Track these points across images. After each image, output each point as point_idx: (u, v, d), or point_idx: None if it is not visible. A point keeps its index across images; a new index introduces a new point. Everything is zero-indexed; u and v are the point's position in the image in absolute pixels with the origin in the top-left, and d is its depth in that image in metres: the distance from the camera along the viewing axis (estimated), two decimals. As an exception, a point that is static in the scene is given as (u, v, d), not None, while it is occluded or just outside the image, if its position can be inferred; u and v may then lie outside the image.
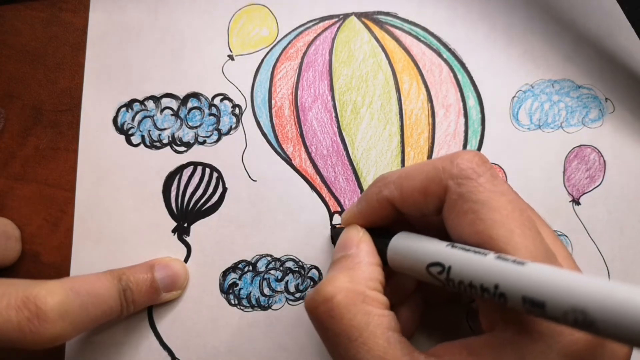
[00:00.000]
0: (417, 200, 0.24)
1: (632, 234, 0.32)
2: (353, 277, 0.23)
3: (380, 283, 0.24)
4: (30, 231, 0.33)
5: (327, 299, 0.23)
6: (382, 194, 0.25)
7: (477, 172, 0.22)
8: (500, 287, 0.19)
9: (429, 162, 0.24)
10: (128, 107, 0.34)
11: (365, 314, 0.22)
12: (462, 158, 0.22)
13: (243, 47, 0.34)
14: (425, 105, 0.33)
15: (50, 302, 0.24)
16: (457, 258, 0.21)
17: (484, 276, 0.20)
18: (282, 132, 0.33)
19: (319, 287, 0.23)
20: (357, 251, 0.25)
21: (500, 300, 0.19)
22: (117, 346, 0.32)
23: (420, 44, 0.34)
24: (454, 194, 0.22)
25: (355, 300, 0.22)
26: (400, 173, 0.25)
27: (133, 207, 0.33)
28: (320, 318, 0.23)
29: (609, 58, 0.33)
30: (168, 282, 0.31)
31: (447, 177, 0.22)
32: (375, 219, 0.26)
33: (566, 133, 0.33)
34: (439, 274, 0.22)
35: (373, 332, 0.22)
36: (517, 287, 0.18)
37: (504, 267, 0.19)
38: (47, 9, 0.35)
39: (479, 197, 0.21)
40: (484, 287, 0.20)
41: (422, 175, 0.23)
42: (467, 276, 0.20)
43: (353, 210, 0.27)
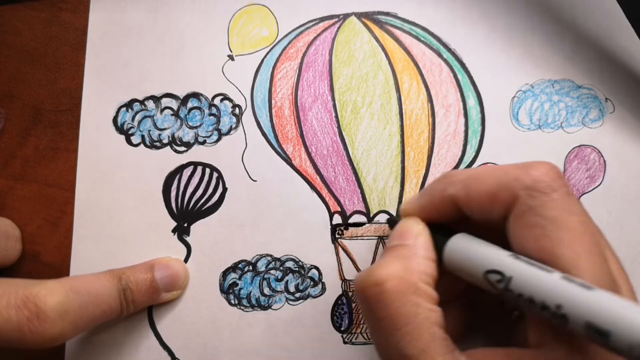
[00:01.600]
0: (483, 204, 0.23)
1: (632, 234, 0.32)
2: (407, 267, 0.23)
3: (433, 279, 0.24)
4: (30, 231, 0.33)
5: (378, 282, 0.22)
6: (448, 192, 0.24)
7: (551, 186, 0.21)
8: (564, 308, 0.19)
9: (502, 168, 0.23)
10: (128, 107, 0.34)
11: (414, 305, 0.22)
12: (537, 170, 0.22)
13: (243, 47, 0.34)
14: (425, 105, 0.33)
15: (50, 302, 0.24)
16: (519, 270, 0.20)
17: (547, 294, 0.19)
18: (282, 132, 0.33)
19: (371, 269, 0.23)
20: (414, 243, 0.24)
21: (561, 321, 0.19)
22: (117, 346, 0.32)
23: (420, 44, 0.34)
24: (524, 205, 0.21)
25: (406, 290, 0.22)
26: (469, 173, 0.24)
27: (133, 207, 0.33)
28: (368, 300, 0.23)
29: (609, 58, 0.33)
30: (168, 282, 0.31)
31: (519, 186, 0.22)
32: (435, 215, 0.26)
33: (566, 133, 0.33)
34: (497, 282, 0.21)
35: (420, 324, 0.21)
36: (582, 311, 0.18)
37: (570, 289, 0.19)
38: (47, 9, 0.35)
39: (549, 213, 0.21)
40: (545, 305, 0.19)
41: (492, 180, 0.23)
42: (528, 291, 0.20)
43: (414, 203, 0.26)
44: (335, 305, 0.32)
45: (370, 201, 0.33)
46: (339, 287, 0.32)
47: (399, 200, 0.33)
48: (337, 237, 0.32)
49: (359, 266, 0.32)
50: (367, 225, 0.32)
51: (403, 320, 0.22)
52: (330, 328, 0.31)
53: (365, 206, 0.33)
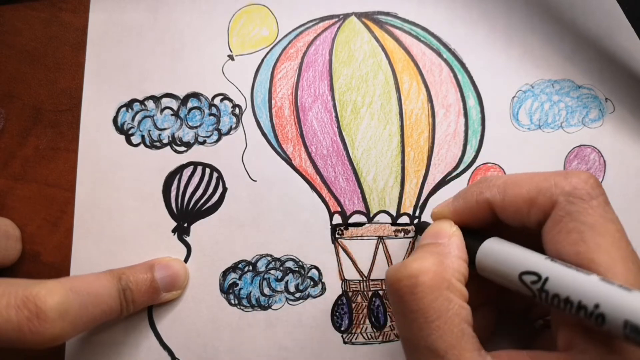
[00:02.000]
0: (520, 208, 0.24)
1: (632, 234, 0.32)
2: (442, 263, 0.23)
3: (465, 278, 0.24)
4: (30, 231, 0.33)
5: (412, 275, 0.23)
6: (484, 196, 0.25)
7: (590, 194, 0.22)
8: (602, 307, 0.19)
9: (541, 174, 0.24)
10: (128, 107, 0.34)
11: (446, 300, 0.22)
12: (577, 177, 0.22)
13: (243, 47, 0.34)
14: (425, 105, 0.33)
15: (50, 302, 0.24)
16: (556, 271, 0.21)
17: (584, 293, 0.20)
18: (282, 132, 0.33)
19: (405, 262, 0.23)
20: (449, 242, 0.25)
21: (597, 321, 0.19)
22: (117, 346, 0.32)
23: (420, 44, 0.34)
24: (562, 210, 0.22)
25: (440, 285, 0.22)
26: (506, 179, 0.25)
27: (133, 207, 0.33)
28: (400, 292, 0.23)
29: (609, 58, 0.33)
30: (168, 282, 0.31)
31: (559, 192, 0.22)
32: (469, 219, 0.26)
33: (566, 133, 0.33)
34: (533, 283, 0.22)
35: (451, 319, 0.22)
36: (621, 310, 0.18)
37: (609, 289, 0.19)
38: (47, 9, 0.35)
39: (588, 219, 0.21)
40: (581, 304, 0.20)
41: (531, 185, 0.23)
42: (565, 290, 0.20)
43: (448, 206, 0.27)
44: (335, 305, 0.32)
45: (370, 201, 0.33)
46: (339, 287, 0.32)
47: (399, 200, 0.33)
48: (337, 237, 0.32)
49: (359, 266, 0.32)
50: (367, 225, 0.32)
51: (435, 314, 0.22)
52: (330, 328, 0.31)
53: (365, 206, 0.33)
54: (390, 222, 0.32)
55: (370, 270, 0.32)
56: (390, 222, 0.32)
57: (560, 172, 0.23)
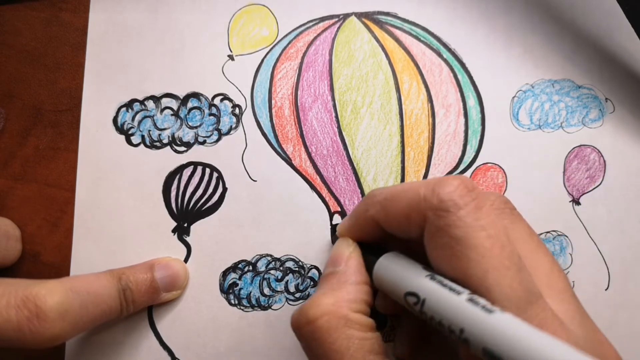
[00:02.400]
0: (401, 224, 0.23)
1: (632, 234, 0.32)
2: (337, 299, 0.23)
3: (367, 303, 0.24)
4: (30, 231, 0.33)
5: (309, 321, 0.23)
6: (369, 213, 0.25)
7: (457, 204, 0.21)
8: (465, 332, 0.19)
9: (413, 187, 0.23)
10: (128, 107, 0.34)
11: (346, 338, 0.22)
12: (444, 187, 0.21)
13: (243, 47, 0.34)
14: (425, 105, 0.33)
15: (50, 302, 0.24)
16: (432, 292, 0.21)
17: (452, 317, 0.19)
18: (282, 132, 0.33)
19: (303, 307, 0.23)
20: (345, 268, 0.25)
21: (465, 345, 0.19)
22: (117, 346, 0.32)
23: (420, 44, 0.34)
24: (432, 226, 0.21)
25: (337, 324, 0.22)
26: (386, 194, 0.24)
27: (133, 207, 0.33)
28: (303, 338, 0.23)
29: (609, 58, 0.33)
30: (168, 282, 0.31)
31: (427, 207, 0.21)
32: (364, 235, 0.26)
33: (566, 133, 0.33)
34: (414, 304, 0.21)
35: (353, 355, 0.22)
36: (480, 336, 0.18)
37: (472, 312, 0.19)
38: (47, 9, 0.35)
39: (456, 233, 0.21)
40: (451, 329, 0.19)
41: (405, 201, 0.23)
42: (438, 313, 0.20)
43: (345, 224, 0.27)
44: (335, 305, 0.32)
45: (370, 201, 0.33)
46: (339, 287, 0.32)
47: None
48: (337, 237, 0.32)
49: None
50: (367, 225, 0.32)
51: (337, 355, 0.22)
52: (330, 328, 0.31)
53: (365, 206, 0.33)
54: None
55: (370, 270, 0.32)
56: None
57: (430, 183, 0.22)
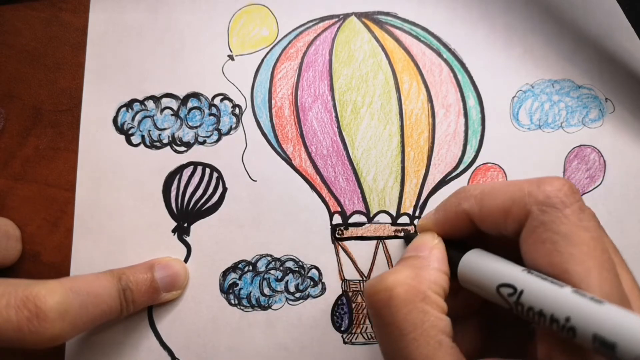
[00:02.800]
0: (496, 219, 0.23)
1: (632, 234, 0.32)
2: (418, 275, 0.23)
3: (444, 290, 0.24)
4: (30, 231, 0.33)
5: (387, 288, 0.23)
6: (462, 207, 0.25)
7: (564, 202, 0.21)
8: (572, 320, 0.19)
9: (515, 183, 0.23)
10: (128, 107, 0.34)
11: (421, 312, 0.22)
12: (550, 185, 0.22)
13: (243, 47, 0.34)
14: (425, 105, 0.33)
15: (49, 302, 0.24)
16: (531, 283, 0.21)
17: (556, 306, 0.20)
18: (282, 132, 0.33)
19: (382, 275, 0.23)
20: (429, 255, 0.25)
21: (569, 334, 0.19)
22: (117, 346, 0.32)
23: (420, 44, 0.34)
24: (536, 220, 0.22)
25: (414, 297, 0.22)
26: (483, 188, 0.24)
27: (133, 207, 0.33)
28: (376, 305, 0.23)
29: (609, 58, 0.33)
30: (168, 282, 0.31)
31: (532, 202, 0.22)
32: (451, 230, 0.26)
33: (566, 133, 0.33)
34: (509, 296, 0.21)
35: (427, 331, 0.22)
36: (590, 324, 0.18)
37: (580, 302, 0.19)
38: (47, 9, 0.35)
39: (561, 229, 0.21)
40: (554, 318, 0.20)
41: (505, 195, 0.23)
42: (538, 303, 0.20)
43: (430, 218, 0.27)
44: (335, 305, 0.32)
45: (370, 201, 0.33)
46: (339, 287, 0.32)
47: (399, 201, 0.33)
48: (337, 237, 0.32)
49: (359, 266, 0.32)
50: (367, 225, 0.32)
51: (410, 326, 0.22)
52: (330, 328, 0.31)
53: (365, 206, 0.33)
54: (390, 222, 0.32)
55: (370, 270, 0.32)
56: (390, 222, 0.32)
57: (534, 180, 0.23)
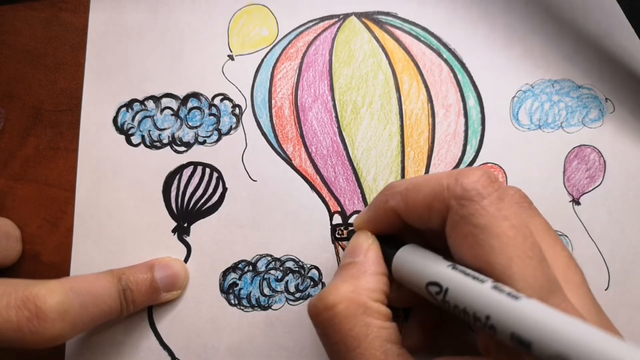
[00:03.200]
0: (421, 214, 0.23)
1: (632, 234, 0.32)
2: (356, 287, 0.23)
3: (384, 294, 0.24)
4: (30, 231, 0.33)
5: (328, 307, 0.23)
6: (389, 204, 0.25)
7: (481, 194, 0.21)
8: (492, 319, 0.19)
9: (435, 177, 0.23)
10: (128, 107, 0.34)
11: (364, 325, 0.22)
12: (467, 177, 0.22)
13: (243, 47, 0.34)
14: (425, 105, 0.33)
15: (49, 302, 0.24)
16: (455, 281, 0.21)
17: (477, 305, 0.20)
18: (282, 132, 0.33)
19: (321, 293, 0.23)
20: (364, 259, 0.25)
21: (490, 332, 0.19)
22: (117, 346, 0.32)
23: (420, 44, 0.34)
24: (456, 214, 0.21)
25: (355, 311, 0.22)
26: (407, 184, 0.24)
27: (133, 207, 0.33)
28: (320, 325, 0.23)
29: (609, 58, 0.33)
30: (168, 282, 0.31)
31: (450, 196, 0.22)
32: (383, 227, 0.26)
33: (566, 133, 0.33)
34: (437, 294, 0.21)
35: (371, 343, 0.22)
36: (507, 322, 0.18)
37: (498, 299, 0.19)
38: (47, 9, 0.35)
39: (480, 221, 0.21)
40: (476, 316, 0.20)
41: (427, 190, 0.23)
42: (462, 301, 0.20)
43: (363, 217, 0.27)
44: (335, 305, 0.32)
45: (370, 201, 0.33)
46: (339, 287, 0.32)
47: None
48: (337, 237, 0.32)
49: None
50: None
51: (355, 341, 0.22)
52: (330, 328, 0.31)
53: (365, 206, 0.33)
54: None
55: (370, 270, 0.32)
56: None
57: (453, 173, 0.22)
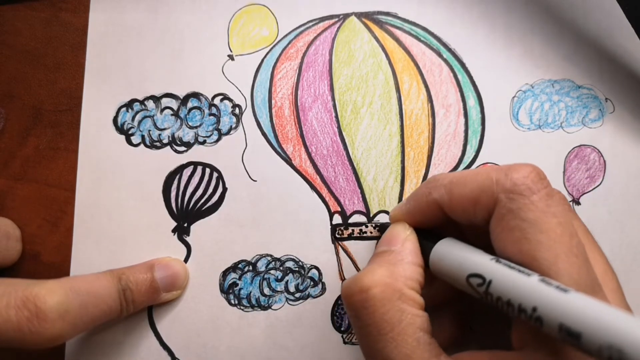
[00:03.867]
0: (466, 208, 0.23)
1: (632, 234, 0.32)
2: (393, 273, 0.23)
3: (419, 284, 0.24)
4: (30, 231, 0.33)
5: (363, 289, 0.23)
6: (432, 197, 0.25)
7: (531, 188, 0.21)
8: (539, 310, 0.19)
9: (483, 171, 0.23)
10: (128, 107, 0.34)
11: (398, 311, 0.22)
12: (518, 172, 0.22)
13: (243, 47, 0.34)
14: (425, 105, 0.33)
15: (49, 302, 0.24)
16: (499, 273, 0.21)
17: (524, 296, 0.20)
18: (282, 132, 0.33)
19: (357, 276, 0.23)
20: (402, 249, 0.25)
21: (536, 324, 0.19)
22: (117, 346, 0.32)
23: (420, 44, 0.34)
24: (504, 208, 0.22)
25: (391, 296, 0.22)
26: (452, 177, 0.24)
27: (133, 207, 0.33)
28: (354, 307, 0.23)
29: (609, 58, 0.33)
30: (168, 282, 0.31)
31: (500, 189, 0.22)
32: (422, 219, 0.26)
33: (566, 133, 0.33)
34: (479, 286, 0.21)
35: (404, 329, 0.22)
36: (556, 313, 0.18)
37: (546, 291, 0.19)
38: (47, 9, 0.35)
39: (528, 216, 0.21)
40: (522, 308, 0.20)
41: (474, 184, 0.23)
42: (506, 293, 0.20)
43: (402, 208, 0.27)
44: (335, 305, 0.32)
45: (370, 201, 0.33)
46: (339, 287, 0.32)
47: (399, 200, 0.33)
48: (337, 237, 0.32)
49: (359, 266, 0.32)
50: (367, 225, 0.32)
51: (388, 326, 0.22)
52: (330, 328, 0.31)
53: (365, 206, 0.33)
54: (390, 222, 0.32)
55: (370, 270, 0.32)
56: (390, 222, 0.32)
57: (502, 168, 0.22)
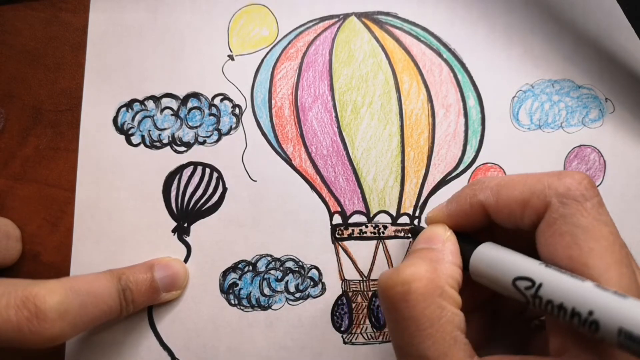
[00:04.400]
0: (513, 211, 0.23)
1: (632, 234, 0.32)
2: (435, 269, 0.23)
3: (458, 284, 0.24)
4: (30, 231, 0.33)
5: (405, 282, 0.22)
6: (477, 198, 0.24)
7: (584, 195, 0.21)
8: (596, 314, 0.19)
9: (534, 175, 0.23)
10: (128, 107, 0.34)
11: (439, 308, 0.22)
12: (571, 178, 0.22)
13: (243, 47, 0.34)
14: (425, 105, 0.33)
15: (49, 302, 0.24)
16: (550, 277, 0.21)
17: (578, 300, 0.19)
18: (282, 132, 0.33)
19: (398, 268, 0.23)
20: (443, 248, 0.24)
21: (591, 328, 0.19)
22: (117, 346, 0.32)
23: (420, 44, 0.34)
24: (556, 212, 0.21)
25: (433, 292, 0.22)
26: (499, 180, 0.24)
27: (133, 207, 0.33)
28: (393, 299, 0.23)
29: (609, 58, 0.33)
30: (168, 282, 0.31)
31: (552, 194, 0.22)
32: (463, 222, 0.26)
33: (566, 133, 0.33)
34: (527, 289, 0.21)
35: (443, 326, 0.22)
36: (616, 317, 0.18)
37: (603, 296, 0.19)
38: (47, 9, 0.35)
39: (581, 222, 0.21)
40: (575, 311, 0.19)
41: (524, 187, 0.23)
42: (558, 296, 0.20)
43: (442, 210, 0.27)
44: (335, 306, 0.32)
45: (370, 201, 0.33)
46: (339, 287, 0.32)
47: (399, 200, 0.33)
48: (337, 237, 0.32)
49: (359, 266, 0.32)
50: (367, 225, 0.32)
51: (427, 321, 0.22)
52: (330, 328, 0.31)
53: (365, 206, 0.33)
54: (390, 222, 0.32)
55: (370, 271, 0.32)
56: (390, 222, 0.32)
57: (554, 173, 0.23)
